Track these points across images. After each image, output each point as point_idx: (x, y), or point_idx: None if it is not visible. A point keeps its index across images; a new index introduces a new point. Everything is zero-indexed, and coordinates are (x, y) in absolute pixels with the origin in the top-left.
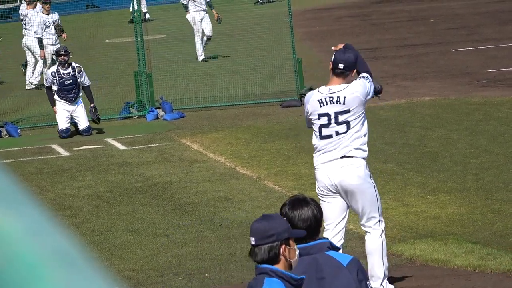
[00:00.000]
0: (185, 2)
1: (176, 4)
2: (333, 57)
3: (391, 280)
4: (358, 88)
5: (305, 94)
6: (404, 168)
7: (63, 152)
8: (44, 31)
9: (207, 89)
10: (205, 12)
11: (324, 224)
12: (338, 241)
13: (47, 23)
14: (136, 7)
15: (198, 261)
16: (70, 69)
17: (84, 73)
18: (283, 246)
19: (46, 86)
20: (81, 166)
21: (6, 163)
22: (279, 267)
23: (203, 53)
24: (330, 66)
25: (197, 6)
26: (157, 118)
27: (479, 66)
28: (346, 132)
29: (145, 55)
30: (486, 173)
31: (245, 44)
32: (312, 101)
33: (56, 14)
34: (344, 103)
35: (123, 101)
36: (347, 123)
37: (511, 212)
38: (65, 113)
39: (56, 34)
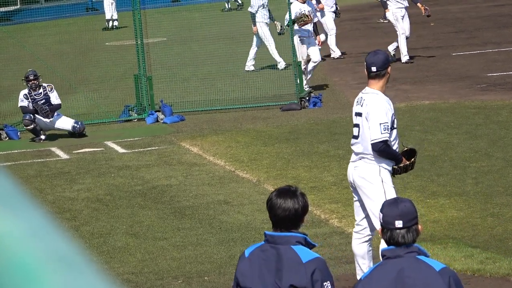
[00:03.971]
0: None
1: (175, 7)
2: (365, 62)
3: None
4: (373, 113)
5: (304, 98)
6: None
7: (62, 155)
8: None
9: (207, 92)
10: (406, 10)
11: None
12: (364, 236)
13: (297, 13)
14: (135, 11)
15: (198, 264)
16: (41, 90)
17: (55, 92)
18: (420, 226)
19: (20, 105)
20: (80, 169)
21: (6, 166)
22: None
23: (407, 54)
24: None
25: (398, 2)
26: (157, 121)
27: (479, 70)
28: (359, 135)
29: (145, 58)
30: (486, 177)
31: (245, 47)
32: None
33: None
34: (362, 106)
35: (123, 104)
36: (358, 126)
37: (510, 216)
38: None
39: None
